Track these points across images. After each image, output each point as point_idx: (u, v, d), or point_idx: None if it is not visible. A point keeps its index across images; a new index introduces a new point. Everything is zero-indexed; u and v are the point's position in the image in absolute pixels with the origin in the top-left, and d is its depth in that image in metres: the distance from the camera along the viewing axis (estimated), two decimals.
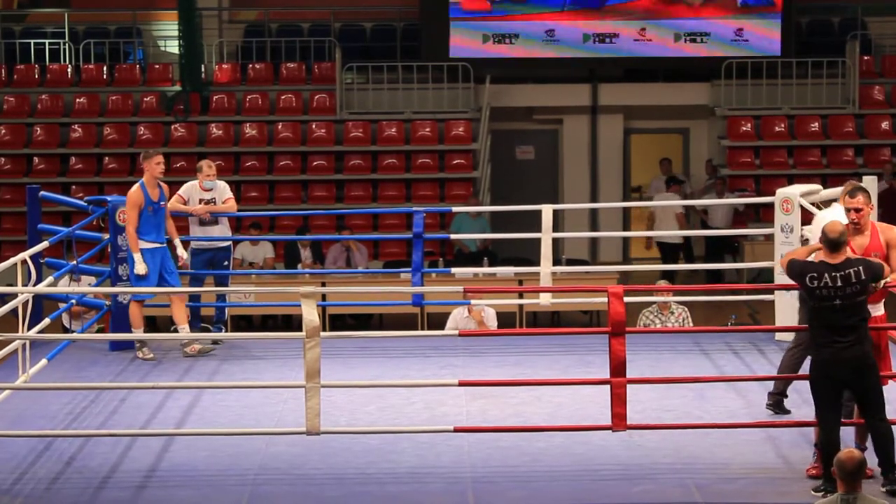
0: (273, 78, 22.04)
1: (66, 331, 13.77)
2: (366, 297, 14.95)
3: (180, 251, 12.19)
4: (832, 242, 8.28)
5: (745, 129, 21.46)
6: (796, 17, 21.76)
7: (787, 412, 9.73)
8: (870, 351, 8.35)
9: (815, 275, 8.23)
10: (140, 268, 11.74)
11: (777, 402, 9.81)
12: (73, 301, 12.50)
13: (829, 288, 8.19)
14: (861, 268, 8.26)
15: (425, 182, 20.98)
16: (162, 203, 11.97)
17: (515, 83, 21.72)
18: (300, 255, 18.00)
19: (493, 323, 13.15)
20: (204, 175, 12.55)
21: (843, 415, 8.50)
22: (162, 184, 12.04)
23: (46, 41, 22.25)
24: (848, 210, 8.71)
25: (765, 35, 21.37)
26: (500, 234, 16.84)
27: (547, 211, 12.88)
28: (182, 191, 12.62)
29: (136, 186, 11.93)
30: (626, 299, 8.81)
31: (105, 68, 22.02)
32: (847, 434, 8.82)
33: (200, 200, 12.52)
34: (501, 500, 8.47)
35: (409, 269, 13.10)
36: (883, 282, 8.44)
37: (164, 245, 12.02)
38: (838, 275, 8.20)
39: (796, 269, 8.37)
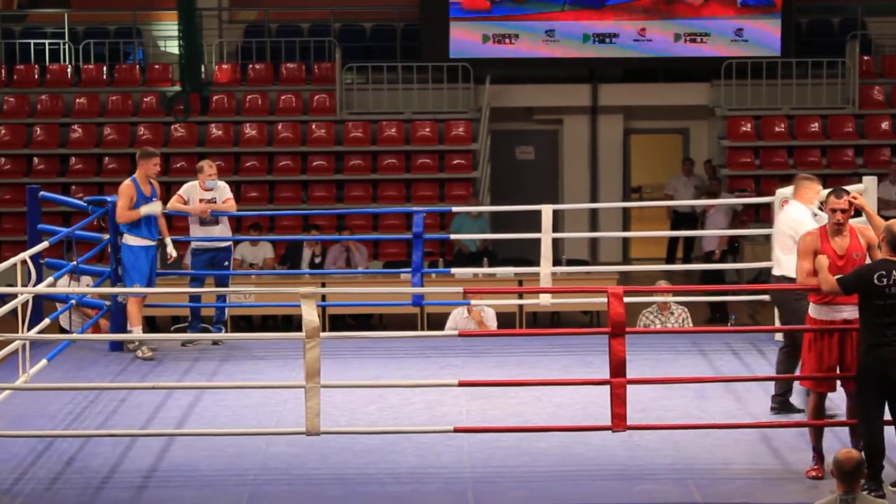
0: (273, 78, 22.04)
1: (63, 332, 13.77)
2: (366, 298, 14.95)
3: (170, 249, 12.23)
4: None
5: (745, 129, 21.46)
6: (796, 17, 21.76)
7: (798, 410, 9.72)
8: None
9: (883, 272, 8.19)
10: (148, 208, 11.82)
11: (782, 403, 9.82)
12: (73, 301, 12.51)
13: None
14: None
15: (425, 182, 20.97)
16: (154, 199, 12.00)
17: (515, 83, 21.71)
18: (301, 256, 17.99)
19: (492, 323, 13.15)
20: (205, 175, 12.55)
21: None
22: (153, 181, 12.07)
23: (46, 41, 22.24)
24: (833, 211, 8.67)
25: (765, 35, 21.37)
26: (500, 234, 16.85)
27: (547, 211, 12.88)
28: (182, 191, 12.63)
29: (127, 180, 11.99)
30: (627, 300, 8.81)
31: (105, 68, 22.02)
32: (844, 434, 8.84)
33: (201, 201, 12.52)
34: (501, 500, 8.47)
35: (409, 269, 13.10)
36: None
37: (156, 244, 12.05)
38: None
39: (854, 278, 8.29)
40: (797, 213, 9.97)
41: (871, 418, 8.32)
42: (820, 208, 10.08)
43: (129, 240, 12.00)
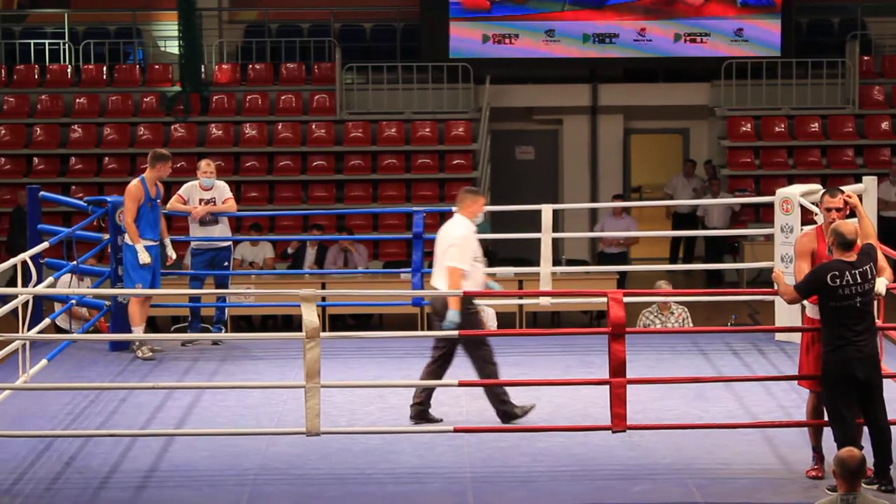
0: (273, 78, 22.04)
1: (60, 331, 13.76)
2: (366, 298, 14.94)
3: (169, 251, 12.24)
4: (849, 243, 8.24)
5: (745, 129, 21.46)
6: (796, 17, 21.76)
7: (437, 420, 9.78)
8: (877, 348, 8.34)
9: (836, 273, 8.17)
10: (144, 256, 11.76)
11: (420, 412, 9.84)
12: (73, 301, 12.51)
13: (852, 286, 8.15)
14: (870, 265, 8.25)
15: (425, 182, 20.97)
16: (158, 200, 12.03)
17: (515, 83, 21.72)
18: (304, 256, 17.97)
19: (492, 323, 13.15)
20: (201, 172, 12.57)
21: None
22: (158, 182, 12.09)
23: (46, 41, 22.25)
24: (828, 210, 8.65)
25: (765, 35, 21.37)
26: (500, 234, 16.85)
27: (547, 211, 12.89)
28: (182, 191, 12.64)
29: (136, 181, 11.99)
30: (626, 300, 8.81)
31: (105, 68, 22.02)
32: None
33: (200, 200, 12.54)
34: (501, 500, 8.47)
35: (409, 269, 13.11)
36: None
37: (157, 244, 12.05)
38: (857, 272, 8.17)
39: (810, 279, 8.27)
40: (458, 228, 9.97)
41: (842, 418, 8.31)
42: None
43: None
